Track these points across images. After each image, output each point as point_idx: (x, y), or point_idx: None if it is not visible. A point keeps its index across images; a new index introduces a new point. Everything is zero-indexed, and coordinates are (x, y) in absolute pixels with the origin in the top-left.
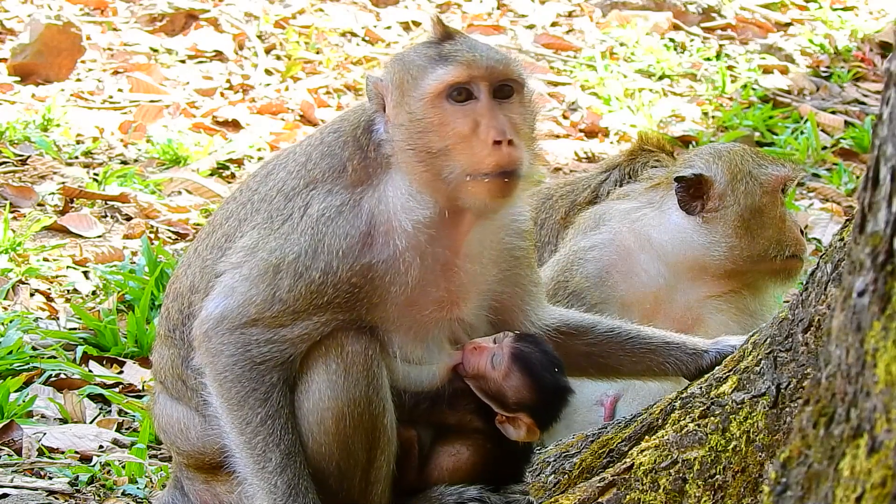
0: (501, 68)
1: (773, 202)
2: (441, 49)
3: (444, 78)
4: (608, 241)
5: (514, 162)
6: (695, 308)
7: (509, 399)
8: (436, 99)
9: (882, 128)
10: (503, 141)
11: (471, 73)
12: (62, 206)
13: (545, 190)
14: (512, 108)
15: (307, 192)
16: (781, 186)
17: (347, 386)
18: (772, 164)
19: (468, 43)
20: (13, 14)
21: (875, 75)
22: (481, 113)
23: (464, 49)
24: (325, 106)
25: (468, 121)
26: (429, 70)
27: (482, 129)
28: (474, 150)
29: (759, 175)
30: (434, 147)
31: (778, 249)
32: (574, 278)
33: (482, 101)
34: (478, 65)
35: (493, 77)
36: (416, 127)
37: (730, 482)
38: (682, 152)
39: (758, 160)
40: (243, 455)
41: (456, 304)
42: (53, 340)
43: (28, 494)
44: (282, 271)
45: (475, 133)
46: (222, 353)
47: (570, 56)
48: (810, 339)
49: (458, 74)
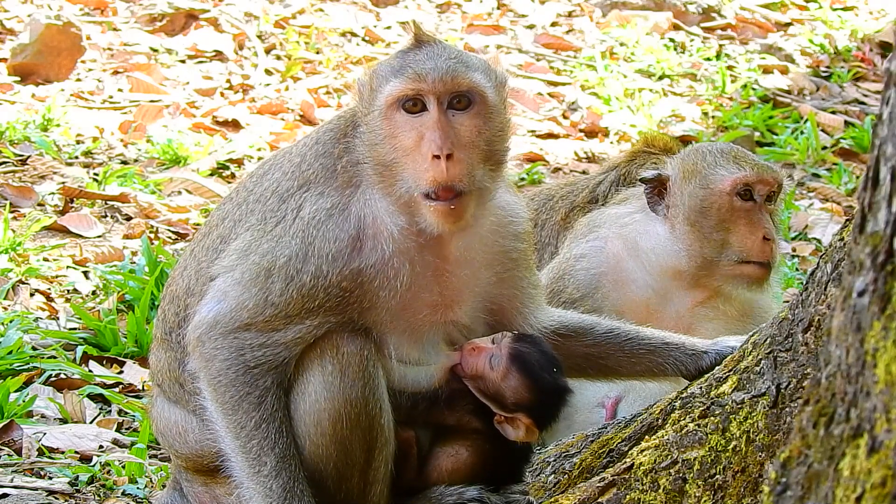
0: (450, 80)
1: (723, 204)
2: (405, 59)
3: (393, 91)
4: (598, 248)
5: (452, 177)
6: (685, 317)
7: (508, 399)
8: (388, 110)
9: (882, 128)
10: (441, 156)
11: (419, 85)
12: (62, 206)
13: (546, 191)
14: (466, 119)
15: (300, 194)
16: (737, 189)
17: (344, 387)
18: (729, 165)
19: (430, 52)
20: (13, 14)
21: (875, 75)
22: (427, 125)
23: (420, 60)
24: (325, 106)
25: (415, 133)
26: (385, 82)
27: (424, 142)
28: (417, 164)
29: (708, 175)
30: (386, 158)
31: (725, 254)
32: (567, 288)
33: (430, 112)
34: (425, 77)
35: (441, 90)
36: (372, 137)
37: (730, 482)
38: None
39: (717, 160)
40: (238, 459)
41: (450, 308)
42: (53, 340)
43: (28, 494)
44: (273, 275)
45: (419, 146)
46: (216, 357)
47: (570, 56)
48: (810, 339)
49: (405, 87)
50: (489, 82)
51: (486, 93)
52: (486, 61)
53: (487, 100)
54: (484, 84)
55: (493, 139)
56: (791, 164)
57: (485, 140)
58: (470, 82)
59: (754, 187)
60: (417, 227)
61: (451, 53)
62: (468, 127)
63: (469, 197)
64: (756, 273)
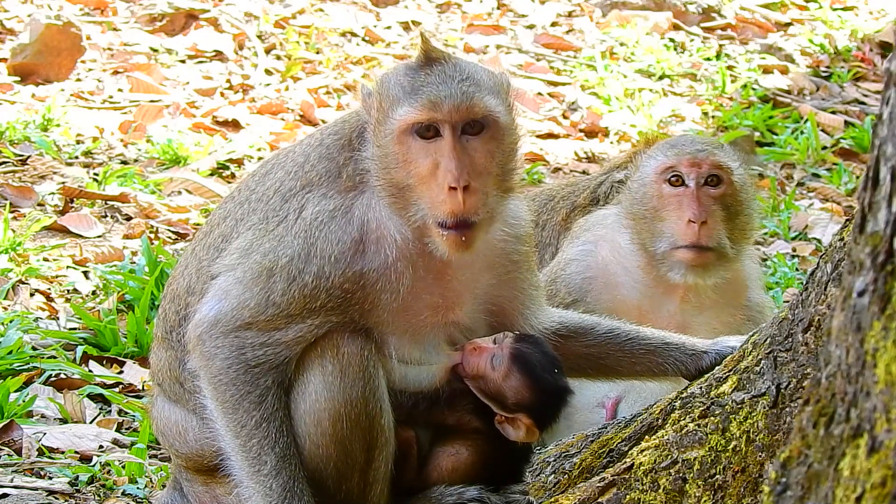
0: (465, 108)
1: (652, 192)
2: (416, 79)
3: (407, 118)
4: (588, 252)
5: (469, 210)
6: (677, 315)
7: (509, 399)
8: (402, 135)
9: (882, 128)
10: (458, 188)
11: (433, 114)
12: (62, 206)
13: (547, 191)
14: (480, 145)
15: (303, 195)
16: (664, 175)
17: (344, 387)
18: (659, 153)
19: (443, 75)
20: (13, 14)
21: (875, 75)
22: (442, 153)
23: (434, 84)
24: (325, 106)
25: (429, 161)
26: (397, 105)
27: (440, 172)
28: (433, 193)
29: (641, 165)
30: (401, 183)
31: (660, 242)
32: (559, 292)
33: (445, 140)
34: (441, 106)
35: (456, 118)
36: (384, 161)
37: (730, 482)
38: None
39: (655, 150)
40: (238, 458)
41: (451, 309)
42: (53, 340)
43: (28, 494)
44: (275, 275)
45: (434, 175)
46: (216, 356)
47: (570, 56)
48: (810, 339)
49: (419, 115)
50: (501, 104)
51: (499, 117)
52: (494, 74)
53: (500, 123)
54: (497, 108)
55: (505, 161)
56: (791, 164)
57: (498, 163)
58: (485, 109)
59: (681, 171)
60: (423, 242)
61: (464, 74)
62: (482, 153)
63: (481, 226)
64: (690, 257)
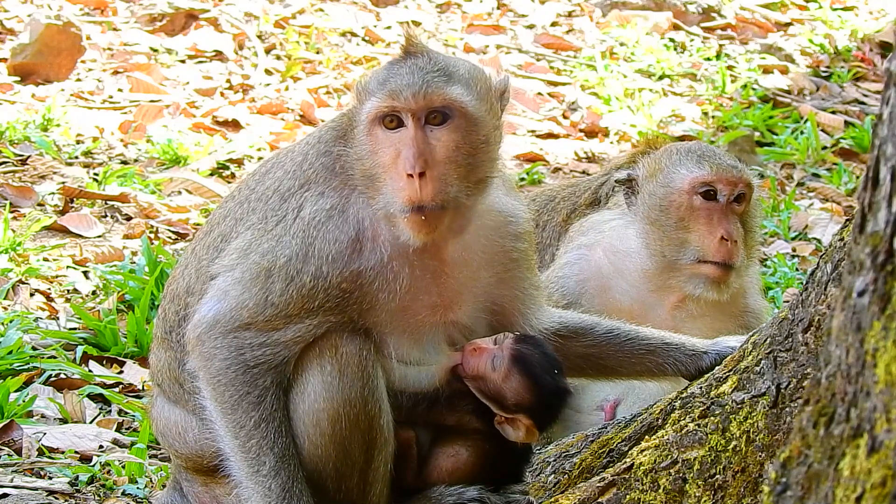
0: (423, 97)
1: (682, 203)
2: (389, 72)
3: (372, 108)
4: (581, 256)
5: (425, 197)
6: (668, 320)
7: (509, 400)
8: (370, 126)
9: (882, 128)
10: (413, 175)
11: (393, 102)
12: (62, 206)
13: (548, 192)
14: (444, 134)
15: (301, 194)
16: (697, 188)
17: (343, 387)
18: (691, 163)
19: (412, 66)
20: (13, 14)
21: (875, 75)
22: (404, 142)
23: (400, 75)
24: (325, 106)
25: (392, 150)
26: (368, 96)
27: (400, 160)
28: (394, 181)
29: (669, 173)
30: (370, 173)
31: (684, 253)
32: (553, 296)
33: (407, 129)
34: (400, 94)
35: (415, 106)
36: (358, 151)
37: (730, 482)
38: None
39: (680, 159)
40: (237, 458)
41: (449, 309)
42: (53, 340)
43: (28, 494)
44: (273, 275)
45: (395, 164)
46: (215, 356)
47: (570, 56)
48: (810, 339)
49: (381, 104)
50: (470, 95)
51: (465, 107)
52: (477, 69)
53: (468, 113)
54: (462, 98)
55: (473, 152)
56: (791, 164)
57: (464, 154)
58: (445, 97)
59: (717, 187)
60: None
61: (435, 66)
62: (444, 142)
63: (445, 212)
64: (714, 273)
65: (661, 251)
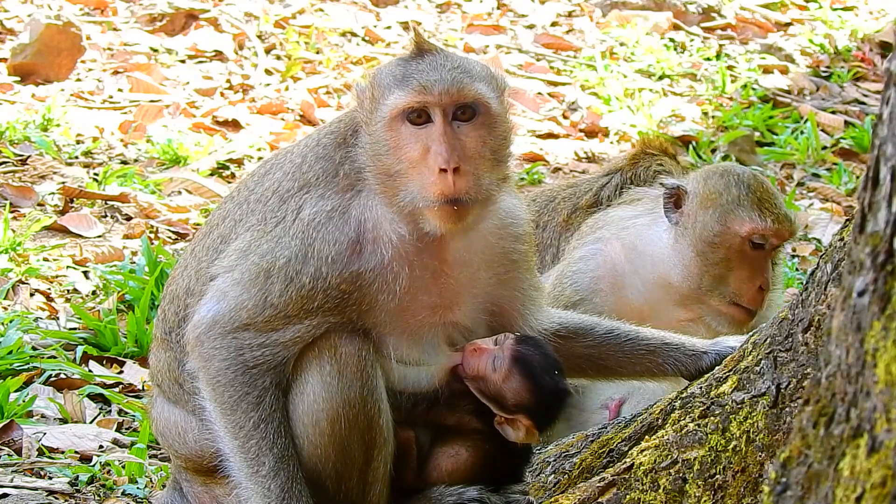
0: (455, 92)
1: (733, 245)
2: (407, 68)
3: (398, 103)
4: (597, 251)
5: (459, 191)
6: (675, 327)
7: (509, 401)
8: (393, 122)
9: (882, 128)
10: (448, 169)
11: (423, 98)
12: (62, 206)
13: (548, 192)
14: (471, 130)
15: (301, 195)
16: (750, 236)
17: (342, 387)
18: (752, 209)
19: (433, 63)
20: (13, 14)
21: (875, 75)
22: (433, 138)
23: (424, 71)
24: (325, 106)
25: (420, 146)
26: (388, 92)
27: (431, 155)
28: (423, 176)
29: (728, 213)
30: (391, 169)
31: (720, 290)
32: (566, 291)
33: (436, 125)
34: (431, 90)
35: (446, 101)
36: (375, 148)
37: (730, 482)
38: (684, 153)
39: (741, 199)
40: (237, 459)
41: (449, 310)
42: (53, 340)
43: (28, 494)
44: (272, 276)
45: (425, 159)
46: (215, 357)
47: (570, 56)
48: (810, 339)
49: (410, 99)
50: (493, 91)
51: (490, 103)
52: (488, 67)
53: (491, 109)
54: (488, 94)
55: (497, 147)
56: (791, 164)
57: (490, 149)
58: (475, 93)
59: (770, 240)
60: (419, 233)
61: (455, 62)
62: (473, 138)
63: (475, 204)
64: (741, 316)
65: (699, 282)
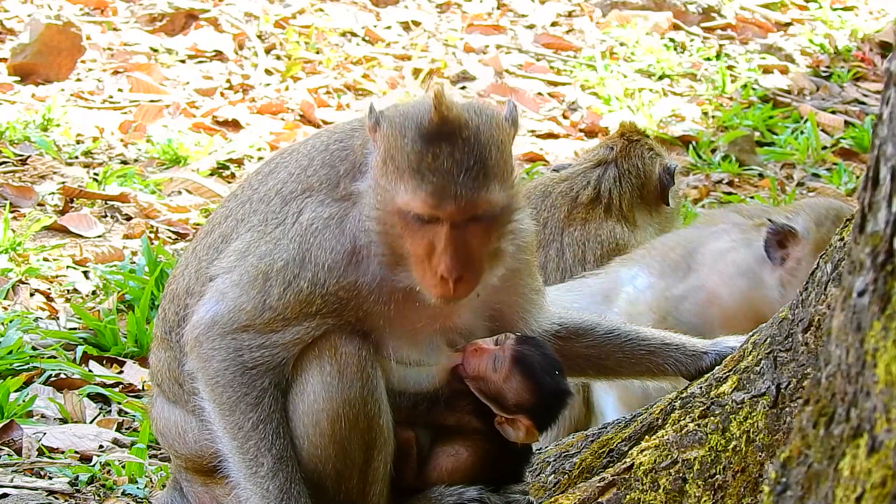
0: (468, 208)
1: None
2: (424, 157)
3: (408, 206)
4: (699, 288)
5: (459, 296)
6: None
7: (509, 401)
8: (401, 212)
9: (882, 128)
10: (450, 279)
11: (433, 212)
12: (62, 206)
13: (540, 187)
14: (479, 229)
15: (302, 199)
16: None
17: (342, 387)
18: None
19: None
20: (13, 14)
21: (875, 75)
22: (439, 239)
23: (440, 173)
24: (325, 106)
25: (425, 243)
26: (400, 181)
27: (435, 257)
28: (426, 273)
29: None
30: (395, 248)
31: None
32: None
33: (443, 229)
34: (443, 206)
35: (458, 217)
36: (380, 223)
37: (730, 482)
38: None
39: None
40: (235, 460)
41: (449, 318)
42: (53, 340)
43: (28, 494)
44: (271, 279)
45: (429, 258)
46: (213, 357)
47: (570, 56)
48: (810, 339)
49: (420, 210)
50: (505, 187)
51: (500, 205)
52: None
53: (504, 208)
54: (500, 197)
55: (505, 234)
56: (791, 164)
57: (496, 238)
58: (487, 203)
59: None
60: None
61: (471, 157)
62: (480, 237)
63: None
64: None
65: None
